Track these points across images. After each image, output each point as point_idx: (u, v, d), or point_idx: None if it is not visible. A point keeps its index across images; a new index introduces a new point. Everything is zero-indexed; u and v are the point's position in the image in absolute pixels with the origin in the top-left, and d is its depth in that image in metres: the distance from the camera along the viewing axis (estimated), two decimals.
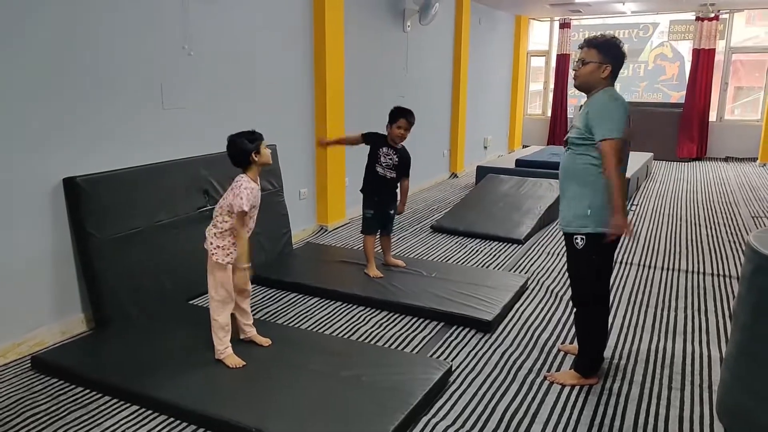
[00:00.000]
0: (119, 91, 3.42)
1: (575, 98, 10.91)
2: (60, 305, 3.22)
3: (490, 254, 4.81)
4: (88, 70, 3.24)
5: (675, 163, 9.83)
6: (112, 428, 2.42)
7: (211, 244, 2.77)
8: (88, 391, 2.69)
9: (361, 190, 4.09)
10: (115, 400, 2.61)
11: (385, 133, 3.95)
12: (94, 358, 2.91)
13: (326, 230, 5.43)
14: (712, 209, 6.43)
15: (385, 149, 3.94)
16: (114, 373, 2.73)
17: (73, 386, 2.73)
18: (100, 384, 2.69)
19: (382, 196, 4.04)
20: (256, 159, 2.74)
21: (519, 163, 7.31)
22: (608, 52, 2.57)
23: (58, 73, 3.09)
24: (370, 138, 3.99)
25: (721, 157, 10.10)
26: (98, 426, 2.43)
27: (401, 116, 3.87)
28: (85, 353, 2.98)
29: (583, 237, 2.61)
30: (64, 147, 3.16)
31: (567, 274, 4.19)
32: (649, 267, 4.49)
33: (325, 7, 5.01)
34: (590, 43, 2.61)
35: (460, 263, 4.56)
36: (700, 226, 5.72)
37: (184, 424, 2.44)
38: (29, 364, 2.92)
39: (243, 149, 2.71)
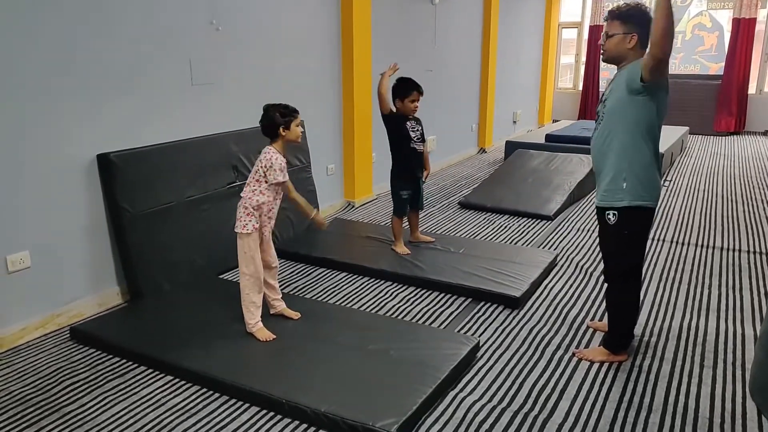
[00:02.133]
0: (149, 67, 3.45)
1: (607, 71, 10.61)
2: (96, 278, 3.31)
3: (519, 230, 4.77)
4: (120, 49, 3.27)
5: (712, 137, 9.55)
6: (147, 397, 2.49)
7: (239, 218, 2.81)
8: (124, 361, 2.78)
9: (395, 174, 4.00)
10: (150, 370, 2.69)
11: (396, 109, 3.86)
12: (130, 329, 3.00)
13: (353, 206, 5.45)
14: (749, 185, 6.24)
15: (409, 124, 3.87)
16: (149, 345, 2.81)
17: (110, 356, 2.82)
18: (135, 354, 2.77)
19: (417, 172, 4.00)
20: (284, 134, 2.76)
21: (549, 138, 7.18)
22: (631, 21, 2.49)
23: (90, 51, 3.13)
24: (392, 117, 3.86)
25: (760, 131, 9.77)
26: (135, 395, 2.51)
27: (414, 89, 3.79)
28: (121, 325, 3.07)
29: (616, 212, 2.57)
30: (98, 124, 3.22)
31: (597, 250, 4.15)
32: (683, 244, 4.40)
33: None
34: (612, 15, 2.54)
35: (488, 239, 4.54)
36: (736, 202, 5.56)
37: (216, 394, 2.51)
38: (68, 335, 3.03)
39: (273, 121, 2.75)
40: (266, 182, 2.76)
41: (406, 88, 3.80)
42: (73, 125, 3.10)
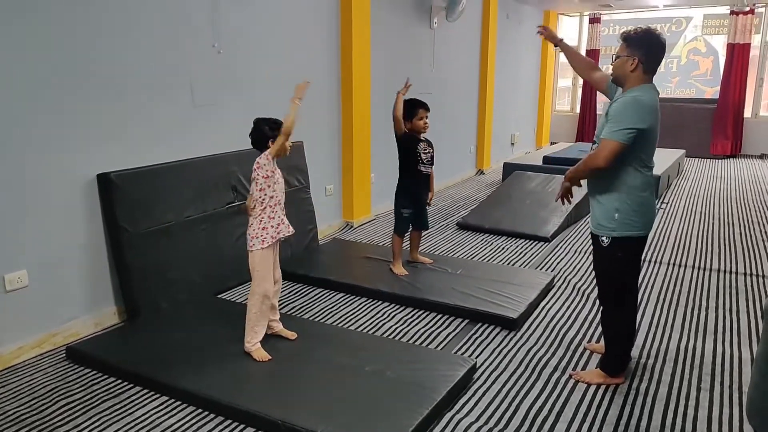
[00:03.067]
0: (151, 89, 3.50)
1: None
2: (94, 298, 3.31)
3: (517, 252, 4.78)
4: (121, 70, 3.31)
5: (708, 160, 9.62)
6: (142, 418, 2.48)
7: (253, 236, 2.82)
8: (119, 381, 2.76)
9: (400, 191, 4.01)
10: (145, 391, 2.68)
11: (406, 131, 3.90)
12: (126, 349, 2.99)
13: (352, 227, 5.46)
14: (746, 207, 6.28)
15: (422, 146, 3.92)
16: (145, 365, 2.80)
17: (105, 376, 2.81)
18: (131, 375, 2.76)
19: (421, 193, 4.03)
20: (271, 146, 2.79)
21: (546, 160, 7.24)
22: (636, 45, 2.51)
23: (92, 73, 3.17)
24: (406, 137, 3.89)
25: (756, 155, 9.84)
26: (129, 415, 2.50)
27: (420, 107, 3.85)
28: (118, 344, 3.06)
29: (609, 237, 2.59)
30: (98, 144, 3.24)
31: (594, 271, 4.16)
32: (680, 266, 4.41)
33: (352, 6, 5.03)
34: (622, 36, 2.58)
35: (485, 260, 4.55)
36: (733, 224, 5.59)
37: (212, 415, 2.49)
38: (64, 355, 3.02)
39: (262, 133, 2.79)
40: (264, 182, 2.78)
41: (412, 107, 3.87)
42: (74, 145, 3.13)
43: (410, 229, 4.15)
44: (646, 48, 2.51)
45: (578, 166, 2.64)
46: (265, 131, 2.78)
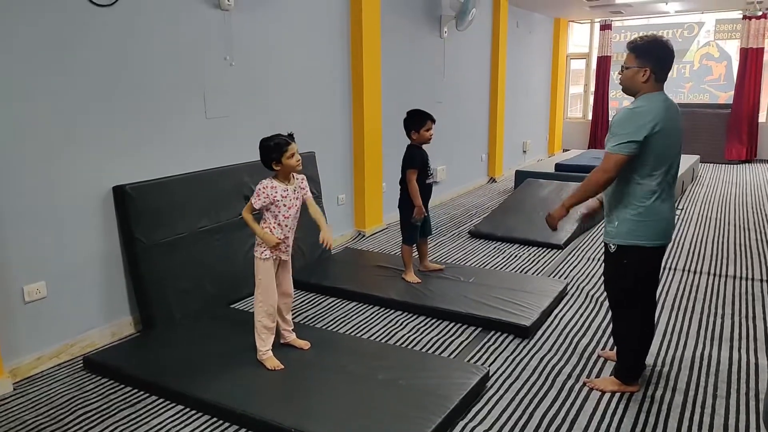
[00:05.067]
0: (165, 102, 3.56)
1: (616, 101, 10.71)
2: (110, 308, 3.36)
3: (529, 259, 4.77)
4: (136, 84, 3.38)
5: (723, 165, 9.53)
6: (158, 427, 2.51)
7: (257, 243, 2.86)
8: (136, 390, 2.80)
9: (407, 205, 3.97)
10: (161, 400, 2.71)
11: (410, 141, 3.93)
12: (142, 359, 3.03)
13: (364, 235, 5.48)
14: (762, 213, 6.21)
15: (427, 159, 3.95)
16: (160, 374, 2.83)
17: (122, 386, 2.84)
18: (147, 384, 2.79)
19: (427, 202, 4.05)
20: (277, 168, 2.79)
21: (559, 167, 7.21)
22: (645, 55, 2.47)
23: (108, 88, 3.23)
24: (416, 162, 3.88)
25: None
26: (145, 424, 2.53)
27: (428, 119, 3.88)
28: (134, 354, 3.09)
29: (616, 245, 2.59)
30: (114, 157, 3.30)
31: None
32: (695, 272, 4.37)
33: (363, 16, 5.08)
34: (629, 47, 2.54)
35: (498, 268, 4.54)
36: (749, 230, 5.53)
37: (227, 423, 2.52)
38: (81, 365, 3.06)
39: (265, 155, 2.79)
40: (266, 210, 2.82)
41: (421, 119, 3.89)
42: (91, 158, 3.19)
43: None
44: (656, 57, 2.47)
45: (575, 192, 2.64)
46: (267, 153, 2.76)
